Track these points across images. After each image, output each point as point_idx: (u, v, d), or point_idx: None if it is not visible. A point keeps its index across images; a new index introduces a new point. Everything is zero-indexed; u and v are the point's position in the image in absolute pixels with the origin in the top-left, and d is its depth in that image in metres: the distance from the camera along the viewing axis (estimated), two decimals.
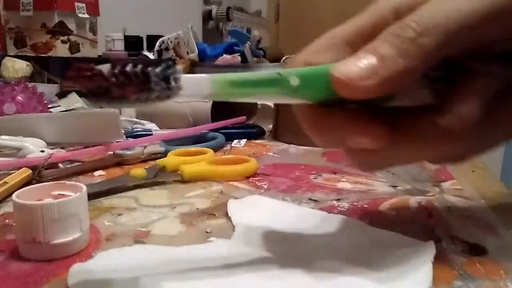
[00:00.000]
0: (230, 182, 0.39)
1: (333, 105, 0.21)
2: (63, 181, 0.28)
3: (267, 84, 0.21)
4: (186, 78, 0.20)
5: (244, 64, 0.97)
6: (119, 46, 1.05)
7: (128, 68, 0.18)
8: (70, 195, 0.26)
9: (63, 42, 0.98)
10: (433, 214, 0.32)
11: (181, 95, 0.19)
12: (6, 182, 0.34)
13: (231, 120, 0.58)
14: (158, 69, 0.19)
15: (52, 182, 0.28)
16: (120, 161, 0.45)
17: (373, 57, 0.20)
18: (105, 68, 0.18)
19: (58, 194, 0.27)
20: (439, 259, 0.24)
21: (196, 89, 0.20)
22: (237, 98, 0.22)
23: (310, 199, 0.35)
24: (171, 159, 0.42)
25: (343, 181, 0.40)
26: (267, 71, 0.22)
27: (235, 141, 0.57)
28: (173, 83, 0.19)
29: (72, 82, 0.19)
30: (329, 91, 0.20)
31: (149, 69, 0.19)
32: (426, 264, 0.23)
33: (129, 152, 0.45)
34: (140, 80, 0.19)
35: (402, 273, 0.22)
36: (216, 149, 0.51)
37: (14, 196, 0.25)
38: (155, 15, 1.58)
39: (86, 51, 1.04)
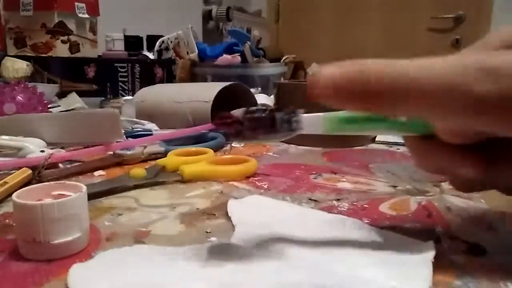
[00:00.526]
0: (230, 182, 0.39)
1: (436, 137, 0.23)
2: (63, 181, 0.28)
3: (376, 120, 0.23)
4: (304, 118, 0.23)
5: (244, 64, 0.97)
6: (119, 46, 1.05)
7: (258, 114, 0.23)
8: (70, 195, 0.26)
9: (63, 42, 0.98)
10: (433, 214, 0.32)
11: (301, 132, 0.23)
12: (6, 182, 0.34)
13: None
14: (282, 114, 0.23)
15: (52, 182, 0.28)
16: (120, 161, 0.45)
17: None
18: (240, 114, 0.23)
19: (58, 194, 0.27)
20: (439, 259, 0.24)
21: (313, 127, 0.24)
22: (348, 132, 0.25)
23: (310, 199, 0.35)
24: (171, 159, 0.42)
25: (343, 181, 0.40)
26: None
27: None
28: (294, 125, 0.23)
29: (216, 127, 0.24)
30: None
31: (275, 114, 0.23)
32: (426, 264, 0.23)
33: (129, 152, 0.45)
34: (268, 124, 0.23)
35: (402, 273, 0.22)
36: (216, 149, 0.51)
37: (14, 196, 0.25)
38: (155, 15, 1.58)
39: (86, 51, 1.04)
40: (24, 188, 0.27)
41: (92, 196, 0.33)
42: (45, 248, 0.24)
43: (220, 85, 0.62)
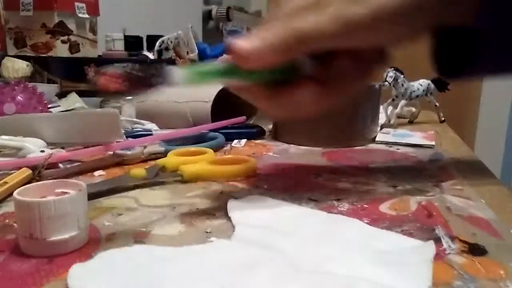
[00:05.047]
0: (230, 182, 0.39)
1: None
2: (67, 180, 0.28)
3: (232, 73, 0.30)
4: (171, 71, 0.27)
5: None
6: (119, 46, 1.05)
7: (134, 71, 0.25)
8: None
9: (63, 42, 0.98)
10: (433, 214, 0.32)
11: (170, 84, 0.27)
12: (6, 182, 0.34)
13: (231, 120, 0.58)
14: (154, 69, 0.26)
15: (56, 180, 0.28)
16: (120, 161, 0.45)
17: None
18: (119, 72, 0.25)
19: (61, 191, 0.27)
20: (439, 259, 0.24)
21: (178, 79, 0.27)
22: (205, 83, 0.30)
23: (310, 199, 0.35)
24: (171, 159, 0.42)
25: (343, 181, 0.40)
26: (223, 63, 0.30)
27: (235, 141, 0.57)
28: (164, 78, 0.27)
29: (99, 86, 0.25)
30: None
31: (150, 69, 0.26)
32: (426, 264, 0.23)
33: (129, 152, 0.45)
34: (145, 80, 0.26)
35: (402, 273, 0.22)
36: (216, 149, 0.51)
37: (15, 193, 0.25)
38: (155, 15, 1.58)
39: (86, 51, 1.04)
40: (27, 185, 0.27)
41: (92, 196, 0.33)
42: (42, 244, 0.24)
43: (220, 85, 0.62)
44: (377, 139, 0.58)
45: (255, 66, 0.30)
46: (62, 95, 0.77)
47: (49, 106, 0.67)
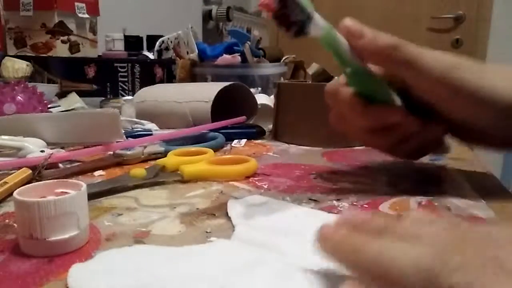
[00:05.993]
0: (230, 182, 0.39)
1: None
2: (67, 179, 0.28)
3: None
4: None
5: (244, 64, 0.97)
6: (119, 46, 1.05)
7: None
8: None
9: (63, 42, 0.98)
10: (433, 214, 0.32)
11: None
12: (6, 182, 0.34)
13: (231, 120, 0.58)
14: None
15: (56, 180, 0.28)
16: (120, 161, 0.45)
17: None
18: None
19: (61, 191, 0.27)
20: None
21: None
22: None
23: (310, 199, 0.35)
24: (171, 159, 0.42)
25: (343, 181, 0.40)
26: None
27: (235, 141, 0.57)
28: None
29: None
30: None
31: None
32: None
33: (129, 152, 0.45)
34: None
35: None
36: (216, 149, 0.51)
37: (15, 193, 0.25)
38: (155, 15, 1.58)
39: (86, 51, 1.04)
40: (27, 185, 0.27)
41: (92, 196, 0.33)
42: (42, 244, 0.24)
43: (220, 85, 0.62)
44: None
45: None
46: (62, 95, 0.77)
47: (49, 106, 0.67)
